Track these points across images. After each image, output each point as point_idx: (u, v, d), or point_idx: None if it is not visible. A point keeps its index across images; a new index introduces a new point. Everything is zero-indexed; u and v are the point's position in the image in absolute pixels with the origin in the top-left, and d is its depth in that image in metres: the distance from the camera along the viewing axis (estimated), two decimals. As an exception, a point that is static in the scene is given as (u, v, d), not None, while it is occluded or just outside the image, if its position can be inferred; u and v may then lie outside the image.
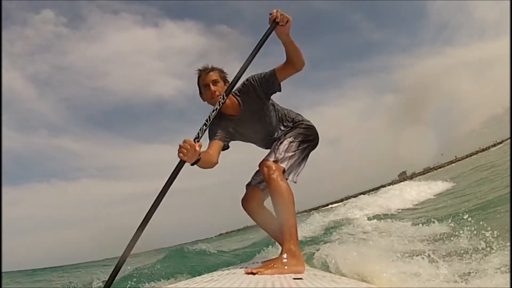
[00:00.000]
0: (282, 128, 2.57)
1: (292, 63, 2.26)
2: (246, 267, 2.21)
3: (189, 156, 1.95)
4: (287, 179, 2.33)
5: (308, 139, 2.54)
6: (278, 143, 2.46)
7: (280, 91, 2.40)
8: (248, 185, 2.69)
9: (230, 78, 2.36)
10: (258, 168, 2.51)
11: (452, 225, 4.19)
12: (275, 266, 1.97)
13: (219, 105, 2.20)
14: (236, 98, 2.40)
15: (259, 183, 2.59)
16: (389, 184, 16.86)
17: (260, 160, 2.44)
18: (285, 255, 2.03)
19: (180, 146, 1.94)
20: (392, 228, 5.29)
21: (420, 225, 4.76)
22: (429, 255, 2.92)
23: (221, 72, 2.45)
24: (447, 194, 9.83)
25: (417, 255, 2.94)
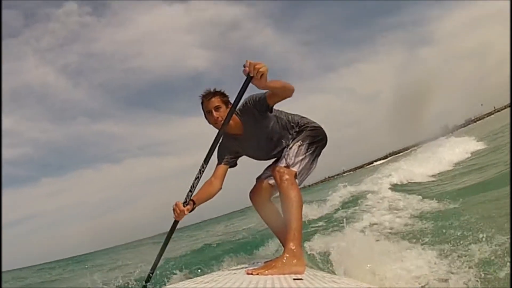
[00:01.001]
0: (289, 135, 2.60)
1: (279, 96, 2.37)
2: (247, 267, 2.26)
3: (180, 218, 2.45)
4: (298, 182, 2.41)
5: (316, 140, 2.57)
6: (288, 149, 2.50)
7: (271, 112, 2.52)
8: (258, 178, 2.74)
9: (232, 99, 2.45)
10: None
11: (460, 201, 4.23)
12: (275, 266, 2.00)
13: (200, 173, 2.43)
14: (239, 118, 2.50)
15: (270, 177, 2.62)
16: (431, 139, 16.40)
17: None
18: (286, 255, 2.05)
19: (173, 209, 2.41)
20: (404, 201, 5.34)
21: (430, 200, 4.80)
22: (418, 240, 3.00)
23: (222, 96, 2.52)
24: (475, 157, 9.57)
25: (412, 241, 3.06)
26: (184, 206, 2.41)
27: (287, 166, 2.38)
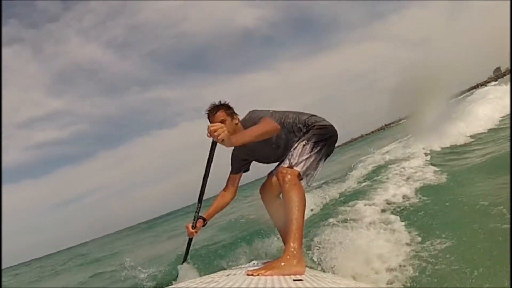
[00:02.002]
0: (295, 138, 2.59)
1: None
2: (247, 268, 2.27)
3: (192, 236, 2.85)
4: (305, 182, 2.43)
5: (323, 138, 2.54)
6: (292, 149, 2.49)
7: None
8: (270, 174, 2.78)
9: (236, 108, 2.67)
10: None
11: (461, 180, 4.28)
12: (275, 267, 2.00)
13: (198, 209, 2.76)
14: (244, 127, 2.60)
15: None
16: (484, 83, 15.45)
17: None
18: (286, 256, 2.05)
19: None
20: (419, 172, 5.32)
21: (441, 174, 4.85)
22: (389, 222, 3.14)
23: (227, 108, 2.60)
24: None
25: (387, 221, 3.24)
26: (192, 228, 2.75)
27: (290, 166, 2.37)
